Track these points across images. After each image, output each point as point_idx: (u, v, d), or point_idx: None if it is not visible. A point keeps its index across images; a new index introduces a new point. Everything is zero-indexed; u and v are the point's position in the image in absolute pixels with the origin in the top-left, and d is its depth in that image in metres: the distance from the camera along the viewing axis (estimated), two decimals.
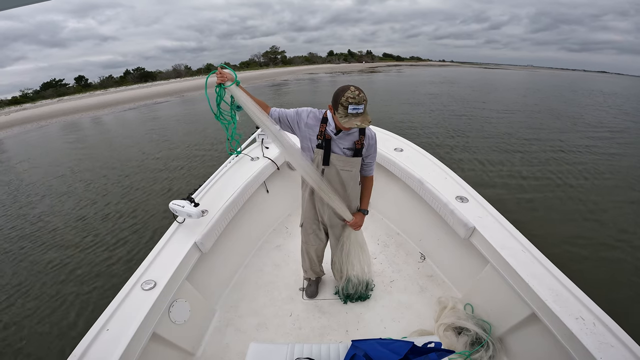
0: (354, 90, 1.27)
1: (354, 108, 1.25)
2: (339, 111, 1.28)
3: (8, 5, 0.97)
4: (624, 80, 56.29)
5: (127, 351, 1.20)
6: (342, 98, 1.26)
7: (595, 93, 21.94)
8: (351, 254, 1.81)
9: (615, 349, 1.11)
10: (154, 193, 5.10)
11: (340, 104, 1.27)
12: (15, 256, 3.66)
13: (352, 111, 1.26)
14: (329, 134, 1.46)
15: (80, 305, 2.78)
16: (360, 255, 1.84)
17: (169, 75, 49.30)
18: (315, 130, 1.48)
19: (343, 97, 1.26)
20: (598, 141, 7.67)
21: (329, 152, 1.48)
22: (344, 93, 1.27)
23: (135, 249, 3.54)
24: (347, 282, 1.93)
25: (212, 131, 8.98)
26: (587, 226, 3.79)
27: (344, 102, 1.26)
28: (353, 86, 1.29)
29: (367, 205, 1.73)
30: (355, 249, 1.81)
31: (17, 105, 31.58)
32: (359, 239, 1.81)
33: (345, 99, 1.25)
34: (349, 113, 1.26)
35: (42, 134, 12.94)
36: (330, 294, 2.11)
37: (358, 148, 1.48)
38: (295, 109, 1.53)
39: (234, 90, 1.44)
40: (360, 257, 1.85)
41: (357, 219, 1.69)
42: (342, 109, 1.27)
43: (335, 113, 1.33)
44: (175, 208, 1.79)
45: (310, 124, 1.48)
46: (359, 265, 1.86)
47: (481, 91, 19.13)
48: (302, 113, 1.50)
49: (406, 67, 58.28)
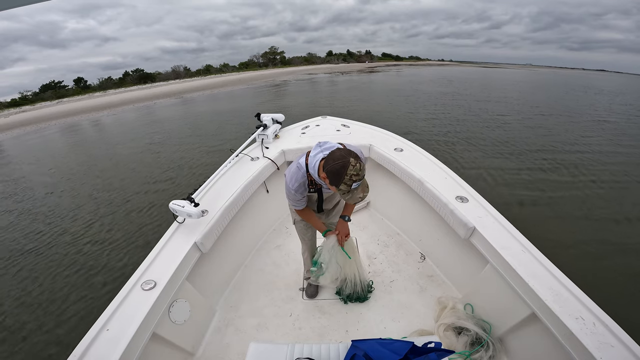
0: (354, 164, 1.17)
1: (356, 184, 1.19)
2: (342, 188, 1.21)
3: (8, 5, 0.97)
4: (620, 78, 56.31)
5: (127, 351, 1.20)
6: (345, 177, 1.17)
7: (593, 90, 22.24)
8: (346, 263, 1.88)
9: (615, 349, 1.11)
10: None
11: (344, 183, 1.19)
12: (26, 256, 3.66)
13: (355, 186, 1.20)
14: (318, 182, 1.46)
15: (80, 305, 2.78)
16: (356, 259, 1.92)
17: (168, 76, 49.26)
18: (305, 188, 1.51)
19: (346, 176, 1.17)
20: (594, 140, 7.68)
21: (321, 200, 1.65)
22: (346, 170, 1.16)
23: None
24: (345, 283, 1.96)
25: (212, 130, 9.00)
26: (587, 226, 3.80)
27: (347, 182, 1.18)
28: (352, 157, 1.18)
29: (350, 213, 1.78)
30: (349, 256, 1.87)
31: (16, 107, 31.58)
32: (352, 245, 1.88)
33: (349, 178, 1.17)
34: (352, 189, 1.21)
35: (41, 136, 12.95)
36: (330, 294, 2.11)
37: None
38: (292, 196, 1.53)
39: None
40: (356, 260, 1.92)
41: (341, 227, 1.74)
42: (346, 187, 1.20)
43: (336, 189, 1.24)
44: (175, 208, 1.79)
45: (303, 190, 1.51)
46: (357, 270, 1.92)
47: (484, 90, 19.17)
48: (296, 192, 1.50)
49: (405, 67, 58.26)
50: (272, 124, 3.06)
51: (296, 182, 1.46)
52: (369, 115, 10.35)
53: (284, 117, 3.19)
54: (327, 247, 1.76)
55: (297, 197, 1.52)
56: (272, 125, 3.05)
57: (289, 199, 1.56)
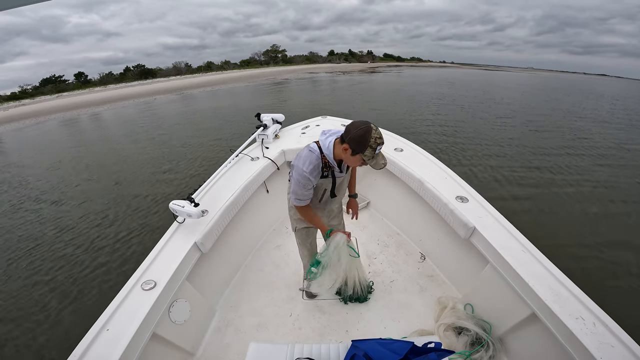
0: (375, 128, 1.21)
1: (380, 147, 1.22)
2: (367, 153, 1.22)
3: (8, 5, 0.97)
4: (620, 82, 56.30)
5: (127, 351, 1.20)
6: (370, 140, 1.19)
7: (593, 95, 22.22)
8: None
9: (615, 349, 1.11)
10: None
11: (370, 147, 1.20)
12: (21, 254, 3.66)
13: (379, 149, 1.23)
14: (332, 165, 1.42)
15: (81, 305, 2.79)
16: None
17: (169, 72, 49.21)
18: (319, 171, 1.43)
19: (371, 139, 1.19)
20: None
21: (335, 183, 1.53)
22: (370, 133, 1.19)
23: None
24: (345, 284, 1.90)
25: (213, 128, 9.00)
26: (587, 226, 3.79)
27: (373, 144, 1.20)
28: (371, 124, 1.22)
29: (354, 190, 1.87)
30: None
31: (16, 100, 31.54)
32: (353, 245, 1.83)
33: (374, 141, 1.20)
34: (376, 154, 1.23)
35: (39, 129, 12.97)
36: (330, 294, 2.11)
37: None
38: (302, 184, 1.43)
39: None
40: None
41: (353, 205, 1.84)
42: (371, 150, 1.21)
43: (361, 155, 1.24)
44: (175, 208, 1.79)
45: (316, 175, 1.43)
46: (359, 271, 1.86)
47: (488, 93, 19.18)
48: (309, 180, 1.41)
49: (406, 68, 58.24)
50: (272, 124, 3.06)
51: (310, 164, 1.37)
52: (369, 115, 10.36)
53: (284, 117, 3.19)
54: (333, 245, 1.62)
55: (309, 186, 1.41)
56: (272, 125, 3.05)
57: (298, 189, 1.43)
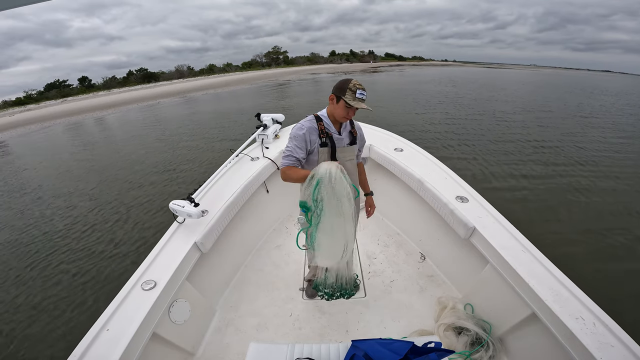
0: (356, 80, 1.41)
1: (360, 93, 1.39)
2: (347, 95, 1.38)
3: (9, 5, 0.97)
4: (625, 79, 56.15)
5: (127, 351, 1.21)
6: (349, 84, 1.39)
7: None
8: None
9: (615, 349, 1.11)
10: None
11: (349, 89, 1.39)
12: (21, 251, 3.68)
13: (359, 96, 1.38)
14: (330, 131, 1.51)
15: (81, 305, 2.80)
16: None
17: (171, 76, 49.51)
18: (317, 136, 1.49)
19: (350, 84, 1.39)
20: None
21: (334, 148, 1.51)
22: (351, 81, 1.40)
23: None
24: (325, 276, 1.66)
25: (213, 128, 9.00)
26: (587, 226, 3.78)
27: (352, 87, 1.38)
28: (353, 79, 1.42)
29: (369, 187, 1.90)
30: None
31: (21, 106, 31.74)
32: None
33: (353, 85, 1.39)
34: (356, 97, 1.38)
35: (45, 135, 13.03)
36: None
37: (355, 135, 1.62)
38: (297, 139, 1.47)
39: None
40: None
41: (371, 202, 1.86)
42: (351, 92, 1.39)
43: (342, 98, 1.40)
44: (175, 208, 1.79)
45: (313, 139, 1.49)
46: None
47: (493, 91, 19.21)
48: (305, 136, 1.46)
49: (408, 67, 58.23)
50: (272, 124, 3.06)
51: (306, 121, 1.51)
52: (369, 115, 10.35)
53: (284, 117, 3.19)
54: (322, 173, 1.24)
55: (302, 143, 1.44)
56: (272, 125, 3.06)
57: (290, 143, 1.47)
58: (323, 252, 1.43)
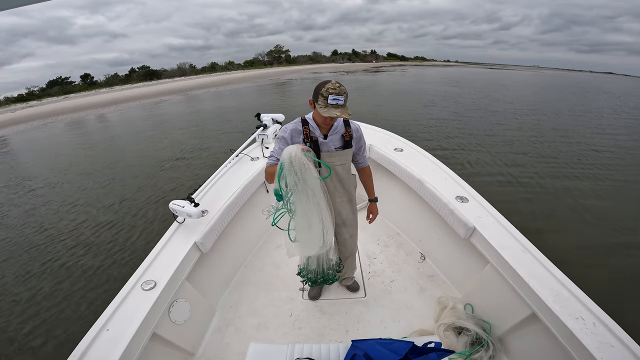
0: (335, 83, 1.30)
1: (334, 99, 1.27)
2: (319, 102, 1.30)
3: (9, 4, 0.97)
4: (627, 81, 56.07)
5: (127, 351, 1.21)
6: (322, 89, 1.29)
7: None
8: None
9: (615, 349, 1.11)
10: None
11: (321, 95, 1.29)
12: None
13: (332, 102, 1.28)
14: (315, 135, 1.45)
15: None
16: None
17: (173, 73, 49.39)
18: (300, 139, 1.46)
19: (324, 88, 1.29)
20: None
21: (318, 152, 1.46)
22: (325, 85, 1.30)
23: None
24: (307, 262, 1.65)
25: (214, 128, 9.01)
26: (587, 226, 3.78)
27: (324, 93, 1.28)
28: (335, 80, 1.33)
29: (374, 193, 1.82)
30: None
31: (23, 102, 31.62)
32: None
33: (326, 90, 1.28)
34: (328, 104, 1.28)
35: (47, 131, 13.05)
36: (331, 294, 2.11)
37: (347, 140, 1.51)
38: (280, 141, 1.47)
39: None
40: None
41: (373, 209, 1.80)
42: (322, 99, 1.29)
43: (315, 105, 1.34)
44: (175, 208, 1.79)
45: (296, 142, 1.45)
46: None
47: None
48: (286, 137, 1.46)
49: (410, 67, 58.17)
50: (272, 124, 3.06)
51: (291, 124, 1.48)
52: (371, 113, 10.36)
53: (284, 117, 3.19)
54: (286, 157, 1.18)
55: (283, 146, 1.38)
56: (272, 125, 3.05)
57: (276, 144, 1.47)
58: (302, 241, 1.40)
